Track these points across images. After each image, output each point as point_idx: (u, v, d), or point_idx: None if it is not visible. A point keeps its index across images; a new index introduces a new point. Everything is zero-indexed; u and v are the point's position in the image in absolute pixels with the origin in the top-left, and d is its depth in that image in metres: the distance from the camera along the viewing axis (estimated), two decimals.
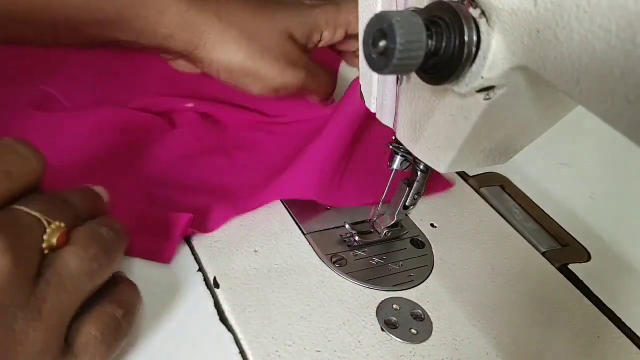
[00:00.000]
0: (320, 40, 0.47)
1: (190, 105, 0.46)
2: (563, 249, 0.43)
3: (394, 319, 0.34)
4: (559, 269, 0.41)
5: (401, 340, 0.32)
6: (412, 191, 0.35)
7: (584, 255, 0.43)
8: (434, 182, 0.46)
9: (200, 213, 0.36)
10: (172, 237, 0.34)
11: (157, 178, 0.39)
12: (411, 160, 0.35)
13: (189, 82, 0.48)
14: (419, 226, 0.42)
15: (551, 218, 0.46)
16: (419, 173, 0.35)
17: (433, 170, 0.32)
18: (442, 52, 0.23)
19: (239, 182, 0.41)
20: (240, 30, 0.43)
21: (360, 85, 0.33)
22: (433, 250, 0.40)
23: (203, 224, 0.36)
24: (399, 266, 0.38)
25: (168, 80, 0.48)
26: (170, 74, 0.49)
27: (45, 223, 0.24)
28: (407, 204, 0.36)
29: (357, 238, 0.38)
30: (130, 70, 0.48)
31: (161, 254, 0.33)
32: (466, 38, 0.22)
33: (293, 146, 0.44)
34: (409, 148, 0.31)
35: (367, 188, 0.41)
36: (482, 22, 0.22)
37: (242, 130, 0.46)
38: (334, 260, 0.37)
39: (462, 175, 0.48)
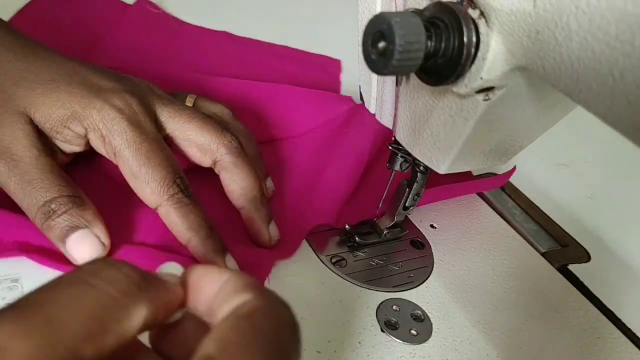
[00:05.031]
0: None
1: None
2: (562, 249, 0.43)
3: (394, 319, 0.34)
4: (559, 269, 0.41)
5: (401, 341, 0.32)
6: (411, 192, 0.35)
7: (584, 256, 0.43)
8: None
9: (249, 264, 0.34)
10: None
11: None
12: (410, 161, 0.35)
13: None
14: (418, 227, 0.42)
15: (551, 218, 0.46)
16: (419, 174, 0.35)
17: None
18: (441, 52, 0.23)
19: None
20: None
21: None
22: (433, 251, 0.40)
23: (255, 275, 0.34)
24: (399, 267, 0.38)
25: None
26: None
27: None
28: (406, 204, 0.36)
29: (356, 239, 0.38)
30: None
31: None
32: (465, 39, 0.22)
33: (312, 161, 0.43)
34: (408, 149, 0.31)
35: (370, 201, 0.40)
36: (481, 23, 0.22)
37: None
38: (333, 260, 0.37)
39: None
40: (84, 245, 0.29)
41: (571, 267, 0.42)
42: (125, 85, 0.33)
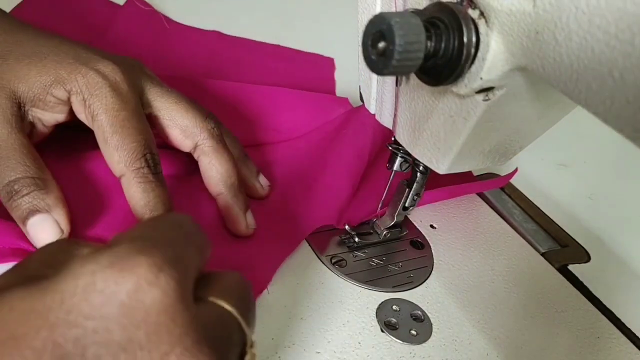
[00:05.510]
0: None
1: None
2: (562, 250, 0.43)
3: (394, 319, 0.34)
4: (559, 270, 0.41)
5: (401, 341, 0.32)
6: (411, 192, 0.35)
7: (583, 256, 0.43)
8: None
9: (248, 269, 0.33)
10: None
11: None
12: (410, 161, 0.35)
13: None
14: (418, 227, 0.42)
15: (550, 218, 0.46)
16: (419, 174, 0.35)
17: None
18: (441, 53, 0.23)
19: (273, 227, 0.37)
20: None
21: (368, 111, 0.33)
22: (432, 251, 0.40)
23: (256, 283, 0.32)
24: (399, 267, 0.38)
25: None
26: None
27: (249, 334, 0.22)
28: (406, 204, 0.36)
29: (356, 239, 0.38)
30: None
31: None
32: (465, 39, 0.22)
33: (311, 162, 0.43)
34: (408, 149, 0.31)
35: (370, 202, 0.40)
36: (481, 23, 0.22)
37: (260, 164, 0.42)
38: (333, 261, 0.37)
39: None
40: (42, 230, 0.29)
41: (571, 267, 0.42)
42: (114, 58, 0.34)
